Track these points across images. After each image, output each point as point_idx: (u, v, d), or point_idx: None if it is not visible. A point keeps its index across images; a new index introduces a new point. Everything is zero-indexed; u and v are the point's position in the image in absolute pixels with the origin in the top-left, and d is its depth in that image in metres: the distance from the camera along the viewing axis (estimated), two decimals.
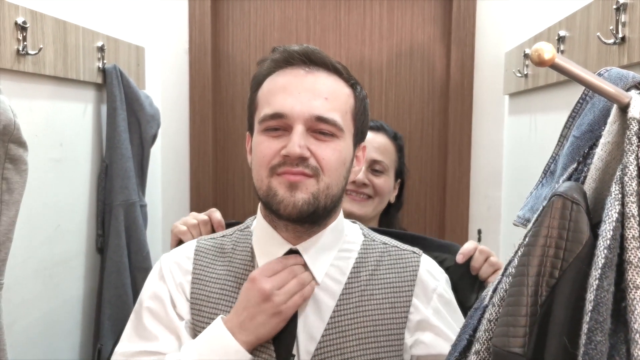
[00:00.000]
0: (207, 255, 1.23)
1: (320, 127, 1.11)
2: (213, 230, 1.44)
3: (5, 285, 1.33)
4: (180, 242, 1.41)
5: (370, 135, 1.64)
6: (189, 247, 1.26)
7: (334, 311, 1.14)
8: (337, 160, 1.12)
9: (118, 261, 2.05)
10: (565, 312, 0.69)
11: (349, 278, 1.17)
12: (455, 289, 1.28)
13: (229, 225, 1.42)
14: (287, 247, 1.17)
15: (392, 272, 1.20)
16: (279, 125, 1.11)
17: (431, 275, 1.22)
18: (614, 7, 1.35)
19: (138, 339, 1.16)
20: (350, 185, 1.59)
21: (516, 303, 0.71)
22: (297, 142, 1.08)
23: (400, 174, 1.78)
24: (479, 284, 1.31)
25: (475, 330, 0.80)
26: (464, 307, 1.25)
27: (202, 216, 1.45)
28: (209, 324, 1.13)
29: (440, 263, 1.30)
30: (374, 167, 1.67)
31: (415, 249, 1.26)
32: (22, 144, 1.34)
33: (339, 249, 1.20)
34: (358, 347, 1.12)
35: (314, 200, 1.10)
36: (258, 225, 1.23)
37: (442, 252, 1.35)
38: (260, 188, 1.13)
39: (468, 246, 1.33)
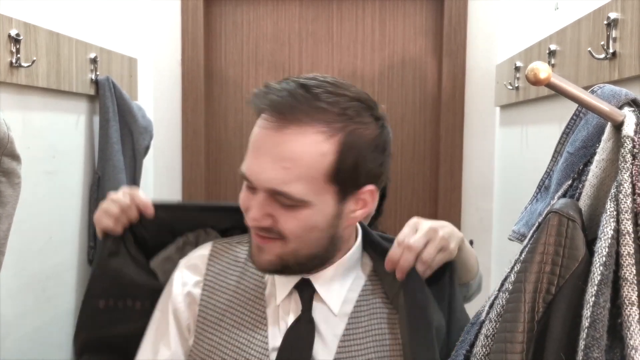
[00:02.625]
0: (221, 261, 1.19)
1: (277, 199, 1.01)
2: (141, 215, 1.24)
3: None
4: (107, 238, 1.24)
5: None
6: (205, 249, 1.22)
7: (343, 335, 1.09)
8: (303, 228, 1.03)
9: None
10: (562, 328, 0.70)
11: (356, 302, 1.12)
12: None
13: (167, 209, 1.27)
14: (297, 277, 1.12)
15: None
16: (250, 184, 1.05)
17: None
18: (605, 22, 1.37)
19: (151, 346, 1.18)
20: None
21: (513, 319, 0.72)
22: (254, 213, 1.02)
23: (384, 188, 1.72)
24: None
25: (472, 345, 0.81)
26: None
27: (123, 199, 1.23)
28: (213, 334, 1.12)
29: None
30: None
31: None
32: (15, 157, 1.33)
33: (355, 277, 1.15)
34: None
35: (280, 261, 1.06)
36: None
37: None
38: None
39: (394, 252, 1.10)
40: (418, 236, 1.08)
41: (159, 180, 2.76)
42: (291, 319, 1.10)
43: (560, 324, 0.71)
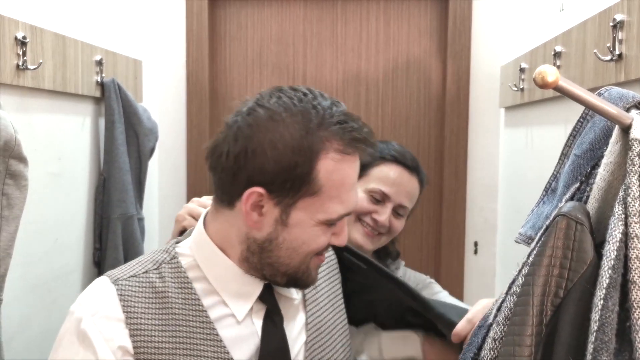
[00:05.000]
0: (138, 299, 1.05)
1: None
2: None
3: (4, 301, 1.33)
4: (183, 231, 1.30)
5: (407, 177, 1.58)
6: (107, 293, 1.05)
7: (307, 317, 1.18)
8: None
9: None
10: (570, 332, 0.70)
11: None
12: None
13: None
14: (261, 283, 1.10)
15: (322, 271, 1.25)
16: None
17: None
18: (611, 24, 1.36)
19: None
20: (369, 220, 1.53)
21: (522, 322, 0.72)
22: None
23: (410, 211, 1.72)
24: None
25: (479, 348, 0.81)
26: None
27: (208, 201, 1.32)
28: None
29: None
30: (398, 211, 1.59)
31: None
32: (22, 160, 1.34)
33: None
34: (336, 345, 1.21)
35: None
36: (210, 261, 1.10)
37: (442, 325, 1.28)
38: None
39: (463, 328, 1.15)
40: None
41: (165, 182, 2.76)
42: (258, 324, 1.10)
43: (569, 328, 0.70)
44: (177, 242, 1.16)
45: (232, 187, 1.04)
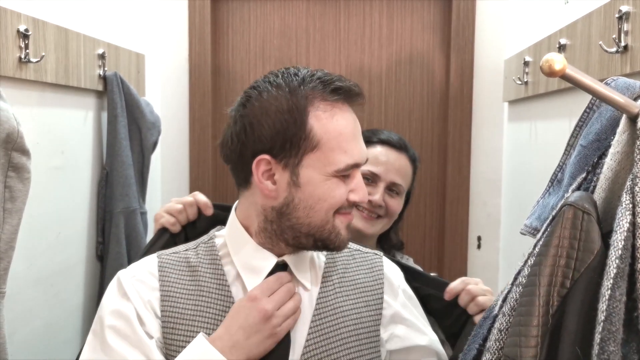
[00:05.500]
0: (173, 270, 1.18)
1: None
2: (200, 213, 1.39)
3: (6, 294, 1.32)
4: (163, 232, 1.37)
5: (394, 155, 1.65)
6: (150, 263, 1.20)
7: (313, 315, 1.15)
8: None
9: (118, 268, 2.02)
10: (577, 322, 0.69)
11: (322, 282, 1.19)
12: (434, 314, 1.35)
13: (217, 207, 1.39)
14: (274, 259, 1.16)
15: (361, 273, 1.24)
16: None
17: (394, 273, 1.29)
18: (616, 15, 1.36)
19: None
20: (365, 203, 1.56)
21: (528, 313, 0.71)
22: None
23: (409, 193, 1.76)
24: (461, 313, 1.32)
25: (485, 339, 0.81)
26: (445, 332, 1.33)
27: (187, 198, 1.40)
28: (185, 342, 1.10)
29: (425, 297, 1.34)
30: (391, 188, 1.64)
31: (377, 251, 1.32)
32: (25, 152, 1.33)
33: (311, 256, 1.22)
34: (341, 347, 1.15)
35: None
36: (235, 239, 1.20)
37: (429, 287, 1.36)
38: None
39: (456, 285, 1.31)
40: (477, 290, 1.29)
41: (167, 176, 2.76)
42: None
43: (576, 318, 0.70)
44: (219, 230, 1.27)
45: (243, 166, 1.13)
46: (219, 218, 1.35)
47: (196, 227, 1.39)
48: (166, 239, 1.37)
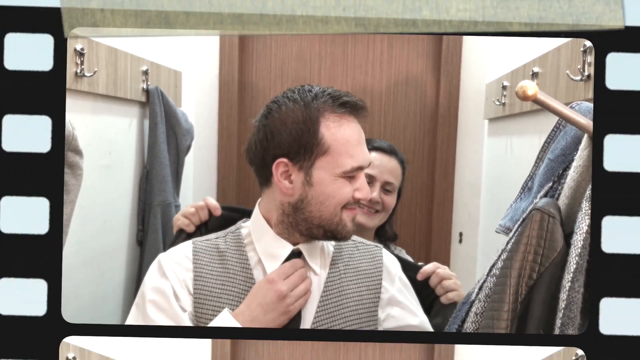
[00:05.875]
0: (205, 254, 1.21)
1: None
2: (210, 214, 1.42)
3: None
4: (181, 232, 1.41)
5: (386, 159, 1.70)
6: (187, 247, 1.23)
7: (321, 296, 1.16)
8: None
9: (155, 253, 2.03)
10: (541, 309, 0.69)
11: (330, 268, 1.20)
12: None
13: (229, 209, 1.42)
14: (290, 247, 1.17)
15: (363, 261, 1.25)
16: None
17: (392, 263, 1.30)
18: (582, 49, 1.35)
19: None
20: (364, 201, 1.61)
21: (500, 300, 0.71)
22: None
23: (400, 190, 1.80)
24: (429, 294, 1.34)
25: (463, 321, 0.81)
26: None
27: (199, 203, 1.45)
28: (212, 315, 1.12)
29: None
30: (385, 187, 1.70)
31: (377, 244, 1.34)
32: (78, 152, 1.34)
33: (321, 245, 1.23)
34: (344, 324, 1.16)
35: None
36: (257, 229, 1.22)
37: (407, 271, 1.37)
38: None
39: (428, 268, 1.36)
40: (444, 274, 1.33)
41: (198, 175, 2.76)
42: None
43: (541, 305, 0.70)
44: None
45: (264, 168, 1.17)
46: (228, 218, 1.37)
47: (208, 227, 1.41)
48: (183, 238, 1.38)
